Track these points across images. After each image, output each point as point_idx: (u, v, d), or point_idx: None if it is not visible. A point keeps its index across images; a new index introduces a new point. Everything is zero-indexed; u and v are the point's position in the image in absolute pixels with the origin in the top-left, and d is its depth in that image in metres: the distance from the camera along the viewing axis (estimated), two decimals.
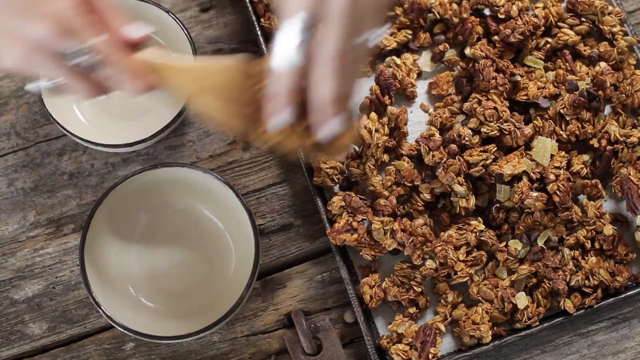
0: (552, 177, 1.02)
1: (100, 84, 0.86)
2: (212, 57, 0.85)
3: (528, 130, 1.05)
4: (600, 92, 1.06)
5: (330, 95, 0.79)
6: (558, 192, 1.02)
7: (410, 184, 1.05)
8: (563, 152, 1.05)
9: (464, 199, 1.04)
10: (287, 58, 0.79)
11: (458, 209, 1.05)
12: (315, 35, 0.78)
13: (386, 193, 1.05)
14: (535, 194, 1.02)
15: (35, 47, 0.82)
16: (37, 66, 0.84)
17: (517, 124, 1.05)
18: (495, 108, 1.04)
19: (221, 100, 0.86)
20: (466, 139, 1.04)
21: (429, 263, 1.03)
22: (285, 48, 0.78)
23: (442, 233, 1.03)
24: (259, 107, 0.84)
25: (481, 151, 1.04)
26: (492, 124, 1.04)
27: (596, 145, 1.06)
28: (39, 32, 0.81)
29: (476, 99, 1.06)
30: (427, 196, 1.05)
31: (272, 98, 0.81)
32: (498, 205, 1.05)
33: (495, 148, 1.05)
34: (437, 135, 1.05)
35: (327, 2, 0.77)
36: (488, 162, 1.04)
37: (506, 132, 1.04)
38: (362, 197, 1.05)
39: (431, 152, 1.03)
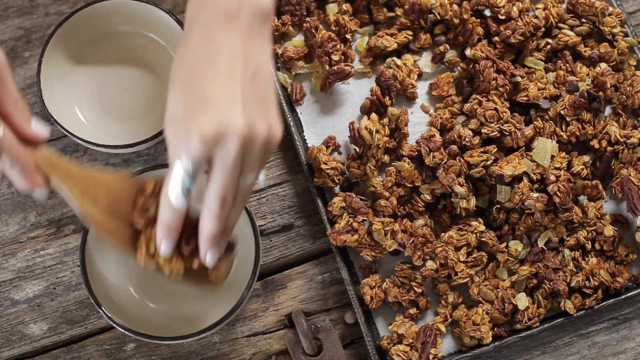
0: (552, 177, 1.02)
1: None
2: (106, 169, 0.89)
3: (528, 131, 1.05)
4: (600, 93, 1.06)
5: (210, 232, 0.84)
6: (558, 193, 1.02)
7: (410, 185, 1.05)
8: (563, 153, 1.05)
9: (464, 200, 1.04)
10: (176, 196, 0.82)
11: (458, 209, 1.05)
12: (200, 180, 0.82)
13: (387, 194, 1.05)
14: (535, 194, 1.02)
15: None
16: None
17: (517, 124, 1.05)
18: (495, 109, 1.04)
19: (105, 213, 0.88)
20: (467, 140, 1.04)
21: (430, 264, 1.03)
22: (176, 186, 0.82)
23: (443, 234, 1.04)
24: (146, 225, 0.89)
25: (482, 152, 1.04)
26: (493, 124, 1.04)
27: (596, 146, 1.06)
28: None
29: (477, 100, 1.06)
30: (428, 197, 1.05)
31: (162, 227, 0.86)
32: (499, 206, 1.05)
33: (496, 149, 1.05)
34: (438, 136, 1.05)
35: (218, 147, 0.79)
36: (488, 163, 1.04)
37: (507, 133, 1.04)
38: (363, 197, 1.05)
39: (432, 153, 1.03)
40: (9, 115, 0.82)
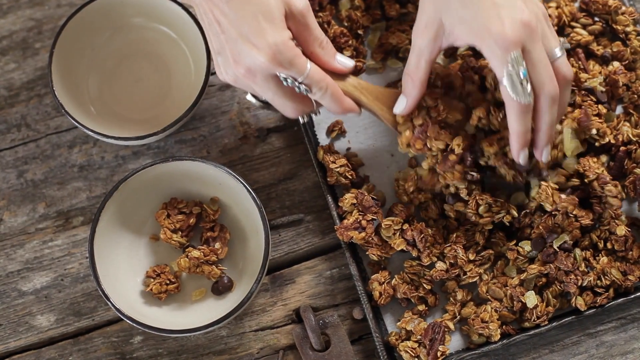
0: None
1: (306, 105, 0.98)
2: (395, 65, 1.01)
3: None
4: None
5: (550, 122, 0.95)
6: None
7: (432, 195, 1.05)
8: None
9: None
10: (517, 91, 0.91)
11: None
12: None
13: (406, 198, 1.05)
14: (564, 196, 1.01)
15: (251, 71, 0.93)
16: (250, 87, 0.95)
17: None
18: None
19: (412, 126, 1.00)
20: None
21: (440, 265, 1.03)
22: (514, 82, 0.91)
23: (451, 235, 1.03)
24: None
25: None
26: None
27: (612, 140, 1.05)
28: (256, 59, 0.92)
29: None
30: (451, 214, 1.05)
31: (516, 137, 0.94)
32: (527, 210, 1.04)
33: None
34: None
35: (527, 35, 0.91)
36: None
37: None
38: (375, 197, 1.04)
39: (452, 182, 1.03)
40: (315, 54, 0.97)
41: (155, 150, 1.11)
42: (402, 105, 0.99)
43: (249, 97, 1.04)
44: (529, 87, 0.91)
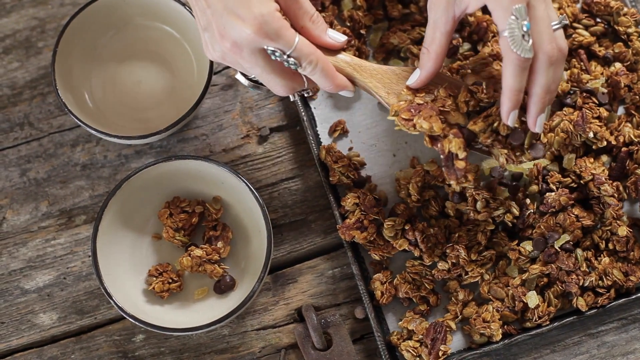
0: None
1: (297, 82, 0.94)
2: (397, 65, 0.95)
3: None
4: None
5: (547, 83, 0.91)
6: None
7: (441, 184, 1.05)
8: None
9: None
10: (520, 46, 0.87)
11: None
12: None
13: (409, 198, 1.05)
14: (554, 194, 1.02)
15: (237, 46, 0.89)
16: (238, 63, 0.92)
17: None
18: None
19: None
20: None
21: (441, 265, 1.03)
22: (516, 34, 0.87)
23: (453, 235, 1.03)
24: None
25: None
26: None
27: (614, 142, 1.05)
28: (242, 32, 0.88)
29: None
30: (451, 212, 1.05)
31: (509, 94, 0.90)
32: (531, 211, 1.04)
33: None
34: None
35: None
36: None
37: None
38: (377, 197, 1.05)
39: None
40: (305, 29, 0.93)
41: (158, 150, 1.11)
42: (415, 77, 0.96)
43: (238, 76, 0.99)
44: (530, 42, 0.88)
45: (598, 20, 1.11)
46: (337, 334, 1.04)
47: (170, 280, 1.04)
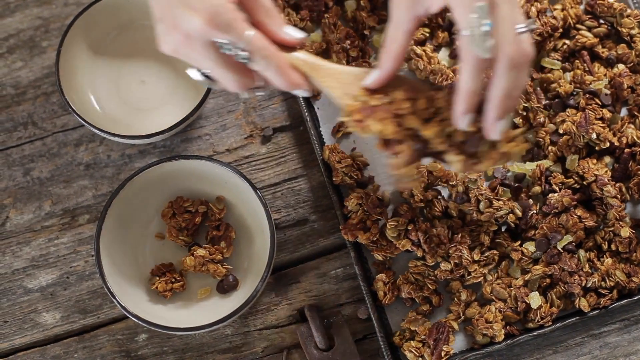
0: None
1: (249, 78, 0.90)
2: (356, 66, 0.90)
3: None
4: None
5: (504, 88, 0.85)
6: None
7: (445, 185, 1.05)
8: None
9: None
10: (479, 44, 0.83)
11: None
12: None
13: (419, 197, 1.05)
14: (556, 195, 1.02)
15: (188, 37, 0.86)
16: (190, 56, 0.89)
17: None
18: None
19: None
20: None
21: (444, 265, 1.03)
22: (475, 31, 0.82)
23: (456, 235, 1.04)
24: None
25: None
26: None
27: (616, 143, 1.05)
28: (192, 23, 0.85)
29: None
30: (454, 213, 1.05)
31: (464, 95, 0.85)
32: (534, 211, 1.04)
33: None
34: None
35: None
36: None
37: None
38: (380, 197, 1.05)
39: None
40: (262, 24, 0.89)
41: (161, 149, 1.12)
42: (373, 77, 0.91)
43: (189, 70, 0.94)
44: (489, 42, 0.83)
45: (601, 21, 1.11)
46: (339, 334, 1.04)
47: (173, 280, 1.05)
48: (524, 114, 1.07)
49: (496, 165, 0.90)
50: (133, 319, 0.99)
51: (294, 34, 0.91)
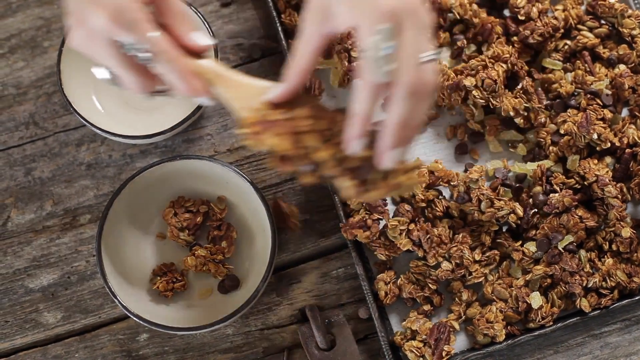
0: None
1: (152, 80, 0.89)
2: (262, 79, 0.88)
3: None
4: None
5: (399, 119, 0.81)
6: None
7: (446, 185, 1.05)
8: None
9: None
10: (376, 66, 0.79)
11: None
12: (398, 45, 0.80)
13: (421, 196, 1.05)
14: (557, 195, 1.02)
15: (92, 34, 0.85)
16: (94, 52, 0.87)
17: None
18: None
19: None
20: None
21: (445, 265, 1.03)
22: (377, 55, 0.79)
23: (457, 235, 1.04)
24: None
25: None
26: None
27: (617, 143, 1.05)
28: (97, 20, 0.84)
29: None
30: (455, 213, 1.05)
31: (356, 120, 0.82)
32: (535, 210, 1.04)
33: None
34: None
35: (406, 14, 0.80)
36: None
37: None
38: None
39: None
40: (168, 26, 0.88)
41: (162, 149, 1.12)
42: (276, 91, 0.87)
43: (93, 69, 0.92)
44: (388, 67, 0.79)
45: (602, 22, 1.11)
46: (340, 334, 1.05)
47: (175, 280, 1.05)
48: (525, 114, 1.07)
49: (387, 195, 0.87)
50: (134, 318, 0.99)
51: (200, 40, 0.89)
